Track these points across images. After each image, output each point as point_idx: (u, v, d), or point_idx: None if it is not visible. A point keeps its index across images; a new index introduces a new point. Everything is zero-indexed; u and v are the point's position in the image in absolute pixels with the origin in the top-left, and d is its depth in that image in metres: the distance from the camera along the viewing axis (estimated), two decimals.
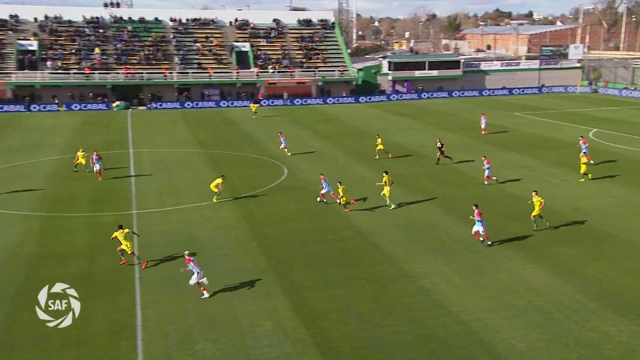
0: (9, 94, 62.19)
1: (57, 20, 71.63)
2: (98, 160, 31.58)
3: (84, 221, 24.35)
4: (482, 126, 45.51)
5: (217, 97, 68.29)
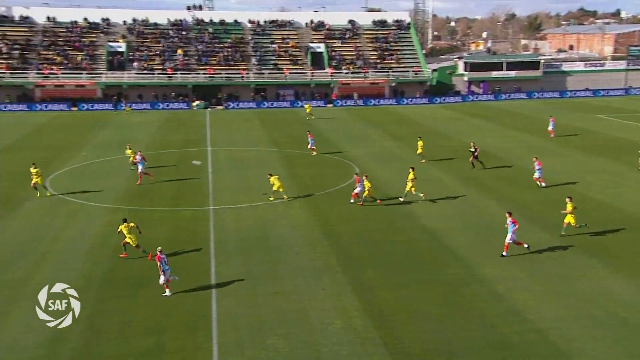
0: (99, 93, 65.66)
1: (144, 23, 74.93)
2: (141, 162, 30.81)
3: (164, 215, 25.33)
4: (550, 128, 43.75)
5: (292, 97, 69.21)
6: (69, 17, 73.48)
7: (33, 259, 20.08)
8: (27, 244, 21.40)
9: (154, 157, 37.86)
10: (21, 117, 56.95)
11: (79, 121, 54.56)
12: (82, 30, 72.12)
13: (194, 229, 23.42)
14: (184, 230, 23.21)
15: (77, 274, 18.71)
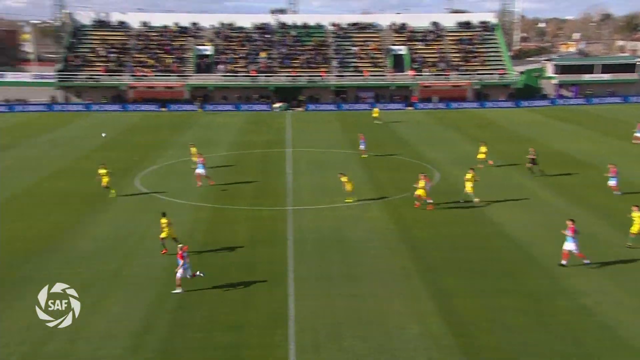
0: (187, 95, 68.35)
1: (230, 27, 77.28)
2: (202, 165, 30.85)
3: (245, 214, 25.98)
4: (637, 134, 41.09)
5: (372, 99, 69.06)
6: (161, 21, 77.05)
7: (124, 252, 21.17)
8: (119, 238, 22.58)
9: (236, 157, 38.95)
10: (115, 116, 60.27)
11: (167, 121, 57.04)
12: (173, 34, 75.39)
13: (273, 228, 23.86)
14: (262, 230, 23.70)
15: (163, 268, 19.53)
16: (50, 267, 19.32)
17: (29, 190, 29.66)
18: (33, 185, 30.53)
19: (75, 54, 70.88)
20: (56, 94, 66.83)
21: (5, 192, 28.93)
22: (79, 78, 67.15)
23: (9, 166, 35.18)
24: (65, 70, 67.76)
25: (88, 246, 21.62)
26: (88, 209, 26.33)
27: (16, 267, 19.38)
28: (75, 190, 29.37)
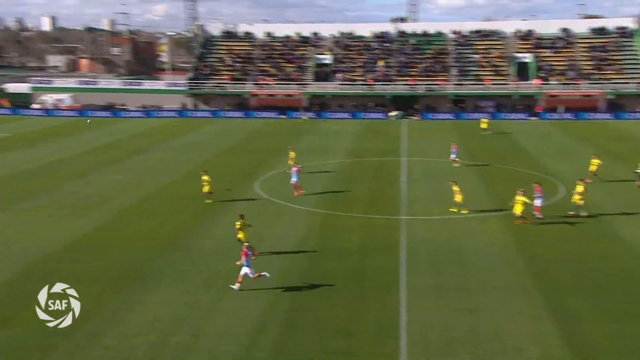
0: (305, 103, 70.16)
1: (349, 36, 78.32)
2: (297, 174, 30.67)
3: (358, 221, 26.07)
4: None
5: (492, 109, 66.66)
6: (284, 32, 79.91)
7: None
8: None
9: (350, 165, 39.27)
10: (238, 123, 63.22)
11: (286, 128, 58.86)
12: (295, 44, 77.81)
13: (386, 237, 23.73)
14: (375, 238, 23.65)
15: (278, 271, 20.09)
16: (176, 264, 20.58)
17: (161, 191, 31.84)
18: (164, 187, 32.73)
19: (204, 63, 75.39)
20: (186, 101, 71.45)
21: (140, 192, 31.31)
22: (207, 86, 71.31)
23: (144, 168, 38.05)
24: (195, 79, 72.27)
25: (209, 246, 22.76)
26: (210, 211, 27.76)
27: (148, 263, 20.81)
28: (200, 193, 31.06)
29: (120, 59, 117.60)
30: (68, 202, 28.97)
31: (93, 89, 72.93)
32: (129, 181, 33.85)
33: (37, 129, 56.29)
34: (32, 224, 25.33)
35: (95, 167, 37.99)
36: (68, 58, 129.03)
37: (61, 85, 73.44)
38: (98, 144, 47.44)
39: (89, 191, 31.40)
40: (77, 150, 44.28)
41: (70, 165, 38.61)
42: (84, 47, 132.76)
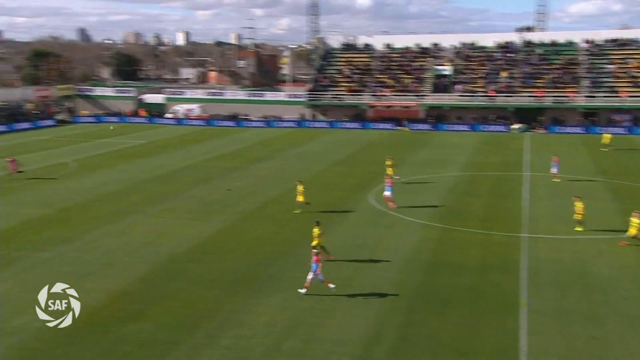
0: (422, 114, 69.30)
1: (471, 47, 76.38)
2: (390, 187, 30.03)
3: (475, 237, 25.20)
4: None
5: (629, 122, 61.73)
6: (403, 43, 79.69)
7: (356, 263, 22.08)
8: (351, 249, 23.69)
9: (468, 178, 38.13)
10: (355, 134, 63.80)
11: (402, 139, 58.45)
12: (413, 55, 77.28)
13: (505, 254, 22.71)
14: (494, 255, 22.72)
15: (391, 282, 19.94)
16: (291, 270, 21.07)
17: (278, 198, 32.87)
18: (281, 194, 33.74)
19: (324, 75, 77.05)
20: (305, 112, 73.38)
21: (259, 198, 32.55)
22: (325, 97, 72.77)
23: (263, 176, 39.54)
24: (315, 90, 74.05)
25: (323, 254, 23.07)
26: (325, 219, 28.17)
27: (265, 267, 21.52)
28: (314, 201, 31.68)
29: (245, 71, 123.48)
30: (194, 206, 30.77)
31: (219, 99, 77.09)
32: (249, 188, 35.31)
33: (168, 137, 60.52)
34: (162, 225, 27.18)
35: (218, 173, 40.07)
36: (198, 70, 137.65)
37: (191, 96, 78.40)
38: (222, 152, 50.03)
39: (212, 196, 33.15)
40: (203, 157, 46.99)
41: (196, 171, 41.04)
42: (213, 60, 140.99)
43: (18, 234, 25.49)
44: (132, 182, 37.09)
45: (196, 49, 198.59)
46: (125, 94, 79.89)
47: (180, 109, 74.16)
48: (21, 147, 51.91)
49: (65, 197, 32.47)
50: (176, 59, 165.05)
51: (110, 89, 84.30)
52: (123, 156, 47.61)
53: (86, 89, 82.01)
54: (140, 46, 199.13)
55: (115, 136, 59.88)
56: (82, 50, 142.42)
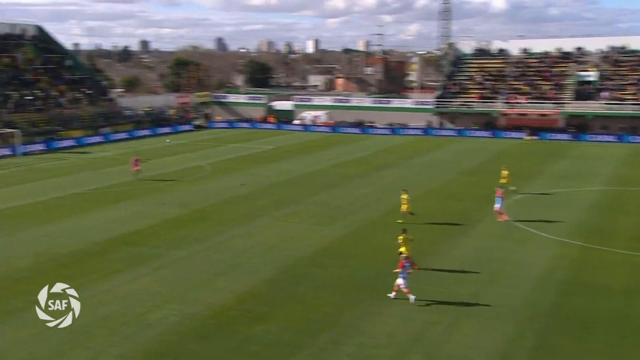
0: (561, 123, 65.38)
1: (621, 50, 70.88)
2: (501, 198, 29.00)
3: (620, 258, 23.30)
4: None
5: None
6: (542, 48, 75.92)
7: (484, 278, 21.32)
8: (479, 263, 22.92)
9: (613, 194, 35.43)
10: (485, 142, 61.69)
11: (538, 149, 55.55)
12: (553, 61, 73.26)
13: None
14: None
15: (521, 301, 19.02)
16: (414, 280, 20.60)
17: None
18: None
19: (453, 81, 75.46)
20: (432, 119, 72.27)
21: (382, 206, 32.54)
22: (454, 104, 71.20)
23: (387, 183, 39.49)
24: (443, 97, 72.71)
25: (448, 266, 22.52)
26: (451, 231, 27.56)
27: (387, 276, 21.16)
28: (440, 211, 31.08)
29: (372, 78, 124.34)
30: (318, 211, 31.48)
31: (345, 106, 78.30)
32: (373, 195, 35.42)
33: (296, 143, 62.51)
34: (288, 229, 28.10)
35: (343, 179, 40.66)
36: (326, 78, 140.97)
37: (318, 103, 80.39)
38: (347, 159, 50.71)
39: (337, 202, 33.70)
40: (328, 164, 47.93)
41: (321, 177, 41.96)
42: (340, 67, 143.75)
43: (157, 232, 27.61)
44: (260, 185, 38.75)
45: (324, 57, 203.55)
46: (256, 101, 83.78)
47: (308, 116, 76.29)
48: (161, 151, 56.27)
49: (199, 199, 34.67)
50: (305, 66, 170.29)
51: (243, 95, 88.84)
52: (253, 160, 49.89)
53: (221, 96, 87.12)
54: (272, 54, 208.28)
55: (246, 141, 62.94)
56: (219, 58, 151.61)
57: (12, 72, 65.02)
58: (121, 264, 22.85)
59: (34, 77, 66.79)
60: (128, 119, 70.70)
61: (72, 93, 68.30)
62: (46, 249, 24.74)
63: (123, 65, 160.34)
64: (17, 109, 60.03)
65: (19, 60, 67.37)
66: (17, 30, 72.22)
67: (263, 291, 20.13)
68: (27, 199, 34.71)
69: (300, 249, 24.89)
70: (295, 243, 25.72)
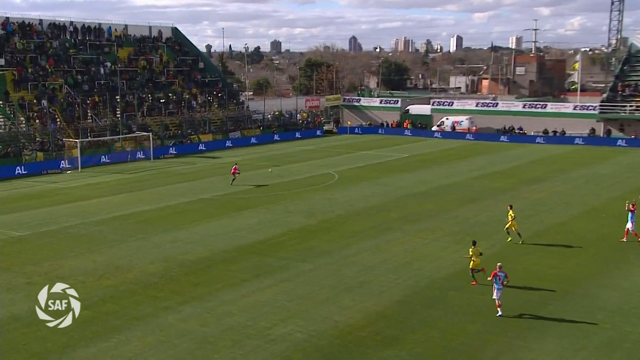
0: None
1: None
2: (632, 214, 27.52)
3: None
4: None
5: None
6: None
7: None
8: None
9: None
10: None
11: None
12: None
13: None
14: None
15: None
16: (570, 313, 19.83)
17: (557, 227, 31.11)
18: (561, 223, 31.91)
19: (624, 82, 70.45)
20: (596, 127, 67.94)
21: (534, 225, 31.16)
22: (624, 110, 66.45)
23: (540, 199, 37.80)
24: (611, 101, 68.12)
25: (615, 299, 21.19)
26: (617, 257, 25.88)
27: (538, 306, 20.49)
28: (604, 234, 29.27)
29: (523, 79, 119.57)
30: (456, 228, 30.91)
31: (491, 111, 76.05)
32: (522, 212, 34.04)
33: (433, 151, 61.86)
34: (421, 246, 27.89)
35: (486, 193, 39.56)
36: (470, 79, 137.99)
37: (460, 107, 78.87)
38: (492, 170, 49.27)
39: (478, 218, 32.89)
40: (469, 175, 46.87)
41: (461, 189, 41.12)
42: (486, 67, 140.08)
43: (283, 242, 28.70)
44: (392, 197, 38.85)
45: (468, 55, 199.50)
46: (390, 105, 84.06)
47: (447, 121, 75.18)
48: (288, 157, 58.32)
49: (326, 208, 35.51)
50: (446, 66, 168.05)
51: (376, 99, 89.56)
52: (385, 169, 50.13)
53: (353, 99, 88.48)
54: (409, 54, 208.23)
55: (378, 148, 63.37)
56: (352, 59, 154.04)
57: (148, 75, 70.90)
58: (247, 274, 24.05)
59: (168, 80, 72.31)
60: (256, 123, 74.16)
61: (204, 96, 73.04)
62: (176, 255, 26.70)
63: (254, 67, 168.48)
64: (150, 112, 65.37)
65: (154, 62, 73.35)
66: (154, 32, 78.66)
67: (394, 312, 20.15)
68: (158, 203, 37.65)
69: (434, 268, 24.62)
70: (430, 262, 25.48)
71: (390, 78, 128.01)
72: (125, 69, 68.25)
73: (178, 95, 70.82)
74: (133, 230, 31.02)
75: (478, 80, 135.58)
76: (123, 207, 36.52)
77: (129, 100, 64.57)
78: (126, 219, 33.54)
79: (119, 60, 68.88)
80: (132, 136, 59.14)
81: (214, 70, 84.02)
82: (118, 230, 31.09)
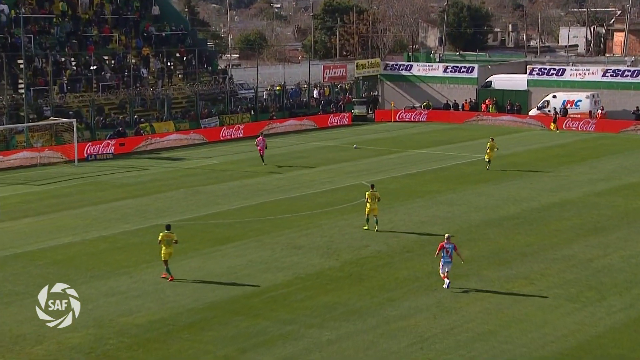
0: None
1: None
2: None
3: None
4: None
5: None
6: None
7: None
8: None
9: None
10: None
11: None
12: None
13: None
14: None
15: None
16: None
17: None
18: None
19: None
20: None
21: None
22: None
23: None
24: None
25: None
26: None
27: None
28: None
29: None
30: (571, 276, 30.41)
31: (628, 84, 75.39)
32: None
33: (530, 150, 62.23)
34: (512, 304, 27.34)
35: (618, 219, 39.65)
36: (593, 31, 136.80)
37: (575, 78, 77.98)
38: (626, 181, 49.54)
39: (603, 261, 32.50)
40: (591, 189, 46.90)
41: (578, 212, 40.93)
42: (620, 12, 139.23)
43: (287, 296, 28.36)
44: (463, 223, 38.81)
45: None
46: (461, 74, 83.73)
47: (555, 101, 75.42)
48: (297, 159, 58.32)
49: (356, 242, 35.02)
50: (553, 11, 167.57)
51: (439, 64, 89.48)
52: (452, 179, 50.39)
53: (400, 66, 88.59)
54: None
55: (441, 145, 63.60)
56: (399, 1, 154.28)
57: (70, 26, 71.26)
58: (228, 348, 23.77)
59: (103, 34, 72.37)
60: (245, 104, 74.76)
61: (159, 60, 73.45)
62: (114, 316, 26.07)
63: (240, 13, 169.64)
64: (74, 86, 65.53)
65: (80, 5, 73.59)
66: None
67: None
68: (87, 233, 37.79)
69: (535, 342, 24.26)
70: (527, 332, 25.11)
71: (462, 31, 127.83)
72: (33, 16, 68.56)
73: (119, 58, 71.30)
74: (45, 276, 30.58)
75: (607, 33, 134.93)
76: (29, 240, 36.70)
77: (40, 67, 64.92)
78: (34, 259, 33.59)
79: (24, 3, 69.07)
80: (44, 124, 59.19)
81: (176, 18, 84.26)
82: (19, 278, 31.00)
